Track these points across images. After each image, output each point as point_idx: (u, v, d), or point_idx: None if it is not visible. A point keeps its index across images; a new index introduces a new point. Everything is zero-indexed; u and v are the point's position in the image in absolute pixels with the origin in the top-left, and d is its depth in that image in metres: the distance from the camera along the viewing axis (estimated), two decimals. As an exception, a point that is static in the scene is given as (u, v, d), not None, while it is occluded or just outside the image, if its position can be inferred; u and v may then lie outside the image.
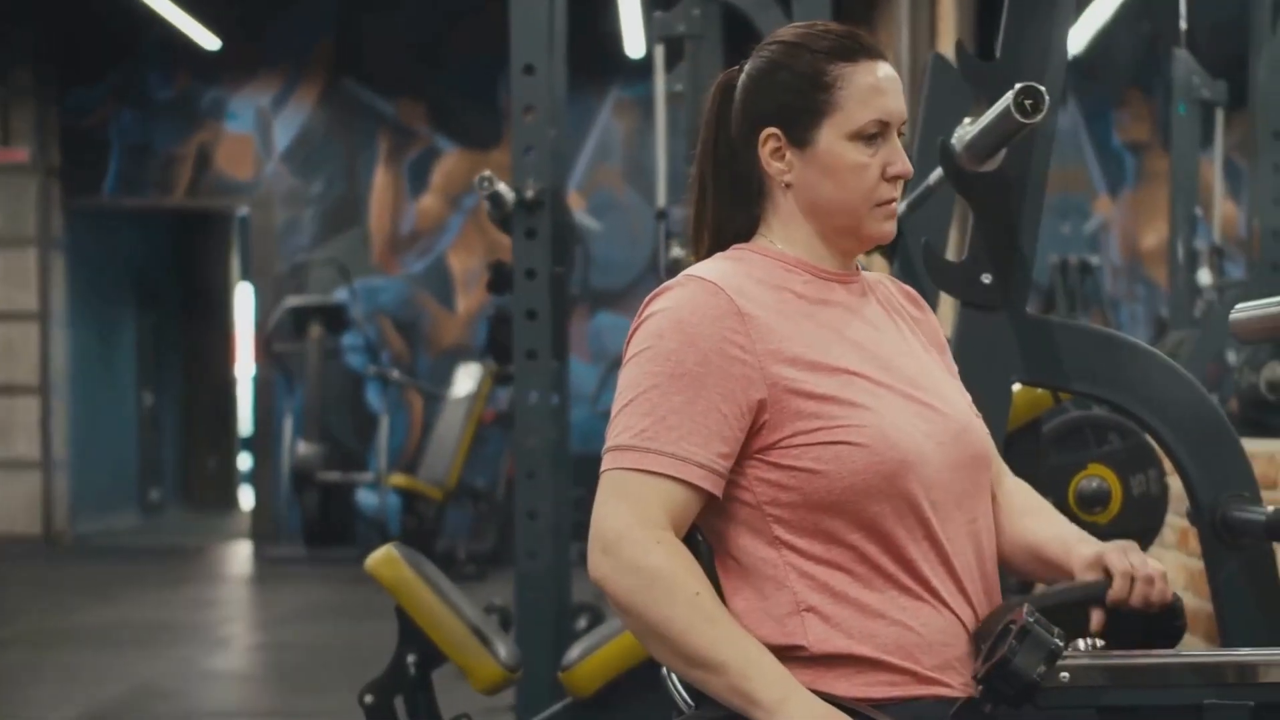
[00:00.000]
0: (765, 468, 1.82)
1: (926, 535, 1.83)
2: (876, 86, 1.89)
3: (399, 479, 9.57)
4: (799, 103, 1.89)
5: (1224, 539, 2.56)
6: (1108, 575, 1.91)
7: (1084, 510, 3.16)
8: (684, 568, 1.75)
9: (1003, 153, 2.60)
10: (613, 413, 1.83)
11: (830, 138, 1.89)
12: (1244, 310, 1.95)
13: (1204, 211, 6.37)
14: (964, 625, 1.85)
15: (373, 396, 10.78)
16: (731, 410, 1.80)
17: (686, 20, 5.95)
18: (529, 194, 4.51)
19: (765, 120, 1.91)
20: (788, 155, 1.90)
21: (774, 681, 1.73)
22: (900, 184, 1.93)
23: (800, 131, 1.89)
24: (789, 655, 1.80)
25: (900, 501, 1.81)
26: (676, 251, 5.85)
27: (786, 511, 1.82)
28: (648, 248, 10.13)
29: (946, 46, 6.54)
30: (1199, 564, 3.66)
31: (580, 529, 1.86)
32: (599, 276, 10.39)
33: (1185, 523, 3.67)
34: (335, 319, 10.66)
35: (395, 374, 10.41)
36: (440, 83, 10.78)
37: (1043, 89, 2.31)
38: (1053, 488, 3.03)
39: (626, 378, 1.83)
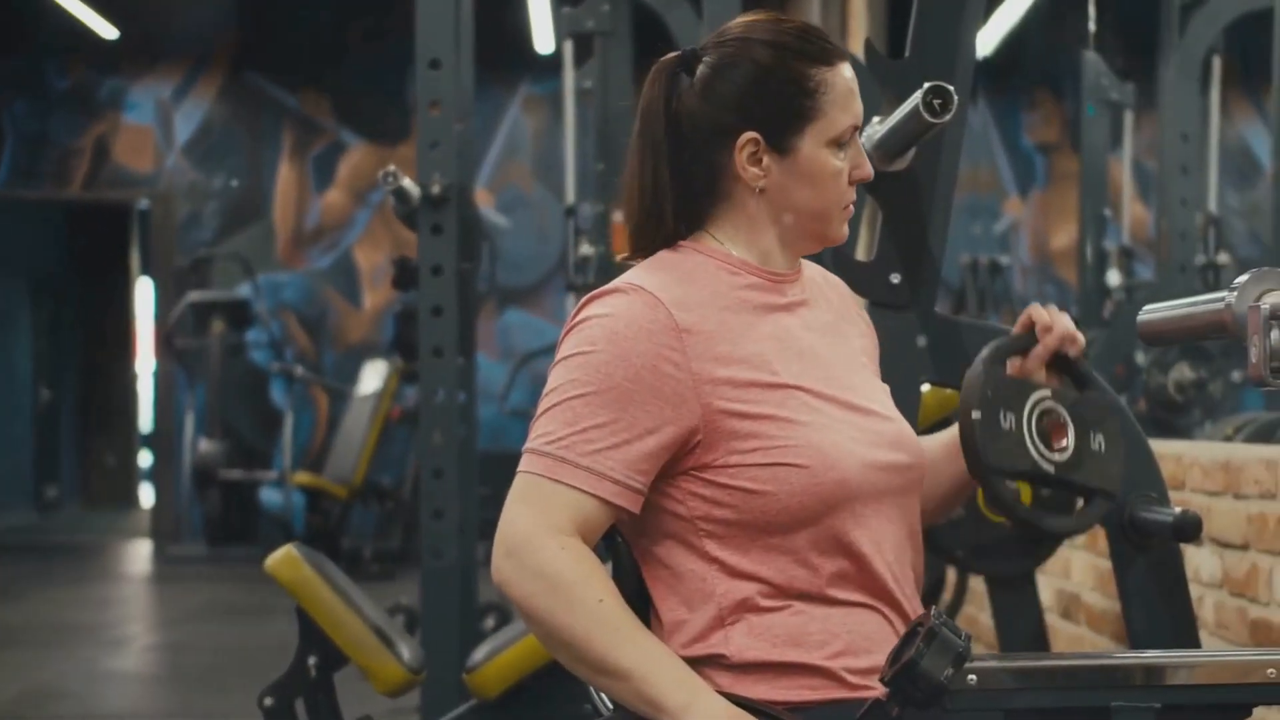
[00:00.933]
0: (700, 484, 1.80)
1: (859, 548, 1.82)
2: (850, 90, 1.87)
3: (304, 477, 9.46)
4: (783, 109, 1.84)
5: (1132, 540, 2.56)
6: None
7: (994, 511, 3.16)
8: (588, 574, 1.72)
9: (912, 152, 2.59)
10: (537, 412, 1.79)
11: (812, 145, 1.85)
12: (1152, 311, 1.95)
13: (1113, 212, 6.43)
14: (893, 630, 1.83)
15: (277, 393, 10.66)
16: (657, 428, 1.76)
17: (595, 16, 5.94)
18: (435, 190, 4.47)
19: (744, 124, 1.84)
20: (765, 160, 1.85)
21: (679, 685, 1.70)
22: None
23: (782, 138, 1.84)
24: (711, 662, 1.78)
25: (835, 517, 1.79)
26: (586, 249, 5.83)
27: (720, 527, 1.79)
28: (557, 245, 10.09)
29: (856, 45, 6.56)
30: (1108, 564, 3.69)
31: (488, 528, 1.82)
32: (508, 273, 10.34)
33: (1091, 522, 3.72)
34: (238, 314, 10.53)
35: (300, 370, 10.29)
36: (346, 76, 10.68)
37: (951, 88, 2.29)
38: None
39: (554, 379, 1.79)
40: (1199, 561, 3.06)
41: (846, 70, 1.86)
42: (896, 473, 1.85)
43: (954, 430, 2.07)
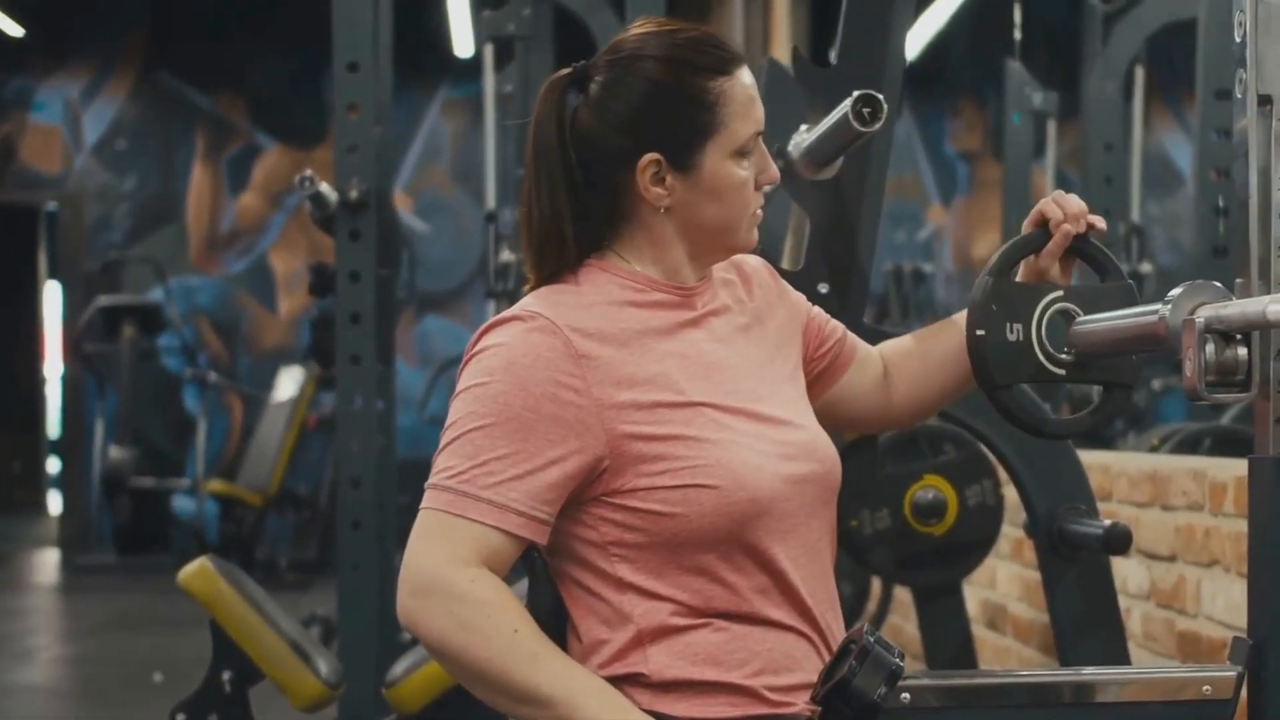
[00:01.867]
0: (610, 509, 1.76)
1: (776, 564, 1.79)
2: (750, 97, 1.82)
3: (217, 485, 9.34)
4: (683, 126, 1.78)
5: (1061, 552, 2.56)
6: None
7: (920, 521, 3.15)
8: (499, 605, 1.66)
9: (840, 161, 2.56)
10: (439, 445, 1.75)
11: (715, 158, 1.80)
12: (1083, 323, 1.93)
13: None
14: (811, 645, 1.81)
15: (190, 399, 10.51)
16: (561, 458, 1.72)
17: (516, 20, 5.88)
18: (353, 195, 4.42)
19: (643, 145, 1.78)
20: (668, 180, 1.80)
21: (606, 707, 1.66)
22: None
23: (684, 156, 1.79)
24: (631, 681, 1.74)
25: (749, 534, 1.76)
26: (507, 255, 5.78)
27: (633, 551, 1.76)
28: (477, 250, 10.01)
29: (780, 52, 6.55)
30: (1034, 575, 3.68)
31: (407, 538, 1.76)
32: (426, 279, 10.25)
33: (1021, 533, 3.70)
34: (150, 319, 10.36)
35: (213, 376, 10.16)
36: (261, 77, 10.55)
37: (881, 97, 2.27)
38: (888, 499, 3.02)
39: (454, 413, 1.75)
40: (1126, 573, 3.05)
41: (745, 76, 1.82)
42: (810, 483, 1.82)
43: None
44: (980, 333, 1.91)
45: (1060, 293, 1.94)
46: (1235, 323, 1.67)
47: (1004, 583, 3.84)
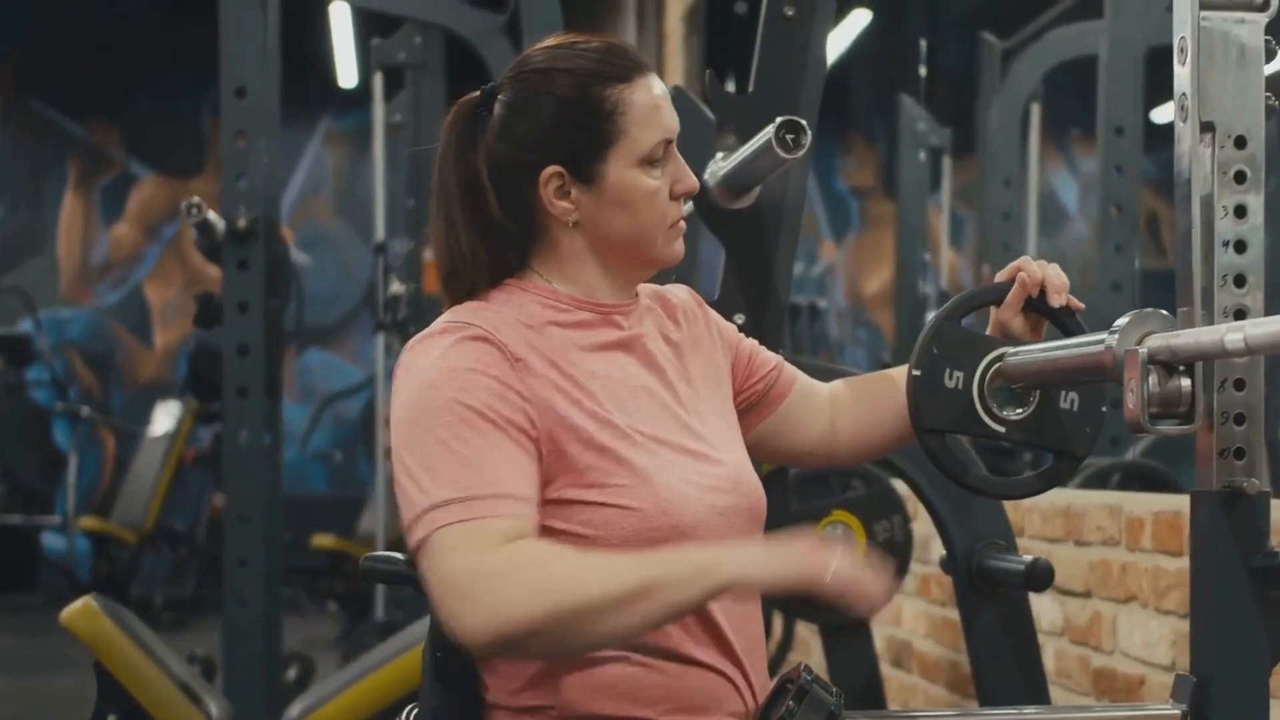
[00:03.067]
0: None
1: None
2: (655, 104, 1.75)
3: (89, 521, 9.10)
4: (580, 136, 1.72)
5: (979, 588, 2.52)
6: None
7: (827, 557, 3.11)
8: (543, 553, 1.59)
9: (757, 189, 2.52)
10: (400, 478, 1.64)
11: (619, 168, 1.73)
12: (1019, 354, 1.87)
13: (932, 256, 6.46)
14: (733, 685, 1.74)
15: (60, 434, 10.23)
16: (527, 452, 1.66)
17: (407, 49, 5.81)
18: (241, 223, 4.31)
19: (544, 159, 1.72)
20: (573, 193, 1.74)
21: (699, 555, 1.59)
22: (685, 200, 1.80)
23: (585, 167, 1.73)
24: (538, 713, 1.68)
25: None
26: (396, 286, 5.69)
27: None
28: (361, 283, 9.90)
29: (673, 80, 6.52)
30: (940, 611, 3.66)
31: (293, 575, 1.66)
32: (309, 313, 10.08)
33: (928, 570, 3.68)
34: (18, 351, 10.08)
35: (85, 410, 9.89)
36: (137, 105, 10.33)
37: (804, 123, 2.23)
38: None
39: (405, 437, 1.65)
40: (1038, 609, 3.02)
41: (649, 84, 1.75)
42: (736, 516, 1.76)
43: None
44: (917, 372, 1.86)
45: (1013, 349, 1.85)
46: (1187, 352, 1.62)
47: (910, 620, 3.80)
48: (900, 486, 3.18)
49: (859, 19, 7.02)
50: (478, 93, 1.78)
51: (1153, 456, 3.80)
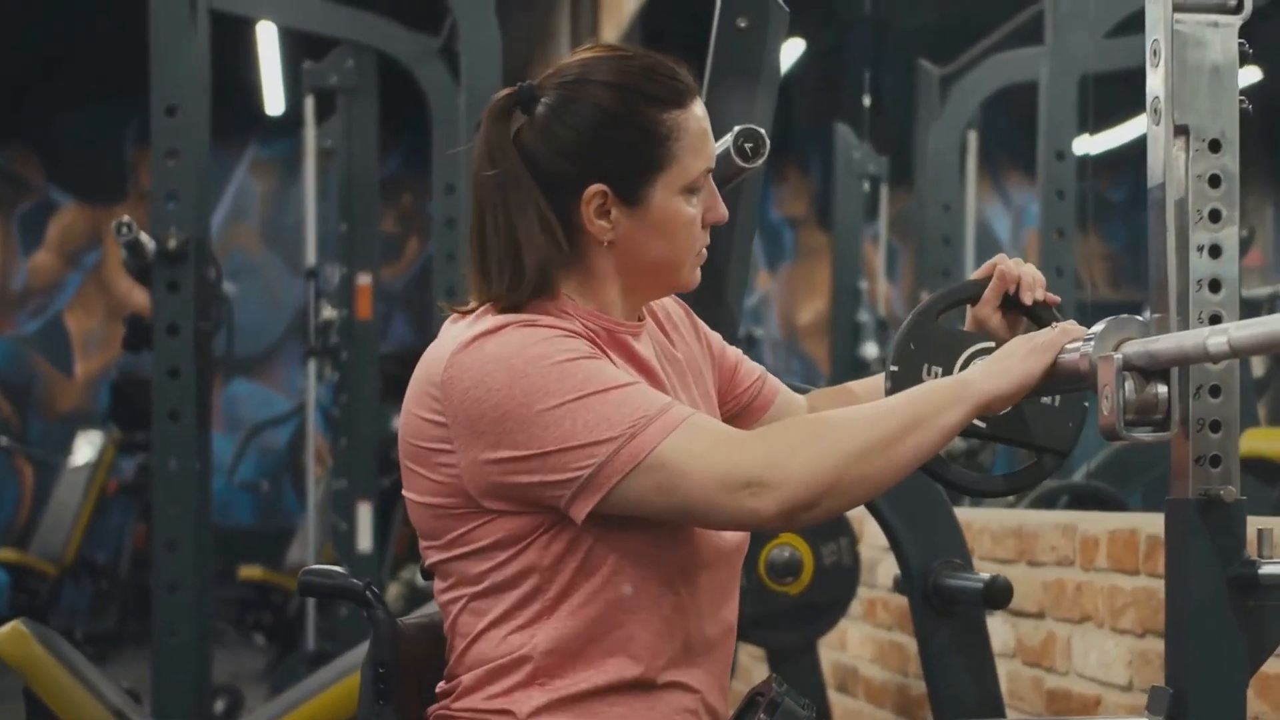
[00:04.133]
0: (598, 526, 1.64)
1: (686, 624, 1.69)
2: (704, 131, 1.71)
3: (7, 553, 8.90)
4: (633, 159, 1.66)
5: (936, 607, 2.49)
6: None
7: (775, 580, 3.10)
8: (791, 423, 1.65)
9: (710, 203, 2.48)
10: (556, 455, 1.57)
11: (664, 194, 1.68)
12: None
13: (868, 285, 6.44)
14: (702, 699, 1.71)
15: (-23, 465, 10.04)
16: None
17: (339, 72, 5.74)
18: (171, 244, 4.24)
19: (589, 175, 1.66)
20: (614, 213, 1.67)
21: (950, 384, 1.65)
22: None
23: (632, 189, 1.67)
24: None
25: (660, 584, 1.66)
26: (329, 312, 5.62)
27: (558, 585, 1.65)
28: (288, 312, 9.78)
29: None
30: (887, 636, 3.63)
31: (223, 606, 1.59)
32: (235, 341, 9.97)
33: (873, 594, 3.65)
34: (-66, 381, 9.89)
35: (3, 440, 9.72)
36: (57, 131, 10.16)
37: (763, 132, 2.20)
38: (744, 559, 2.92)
39: (538, 416, 1.57)
40: (990, 630, 3.00)
41: (699, 109, 1.71)
42: (722, 539, 1.73)
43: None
44: (894, 369, 1.82)
45: (991, 344, 1.81)
46: (1166, 357, 1.60)
47: (855, 645, 3.77)
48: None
49: (793, 48, 7.04)
50: (513, 89, 1.70)
51: (1100, 478, 3.80)
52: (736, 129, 2.19)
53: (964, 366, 1.82)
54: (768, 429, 1.61)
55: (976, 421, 1.79)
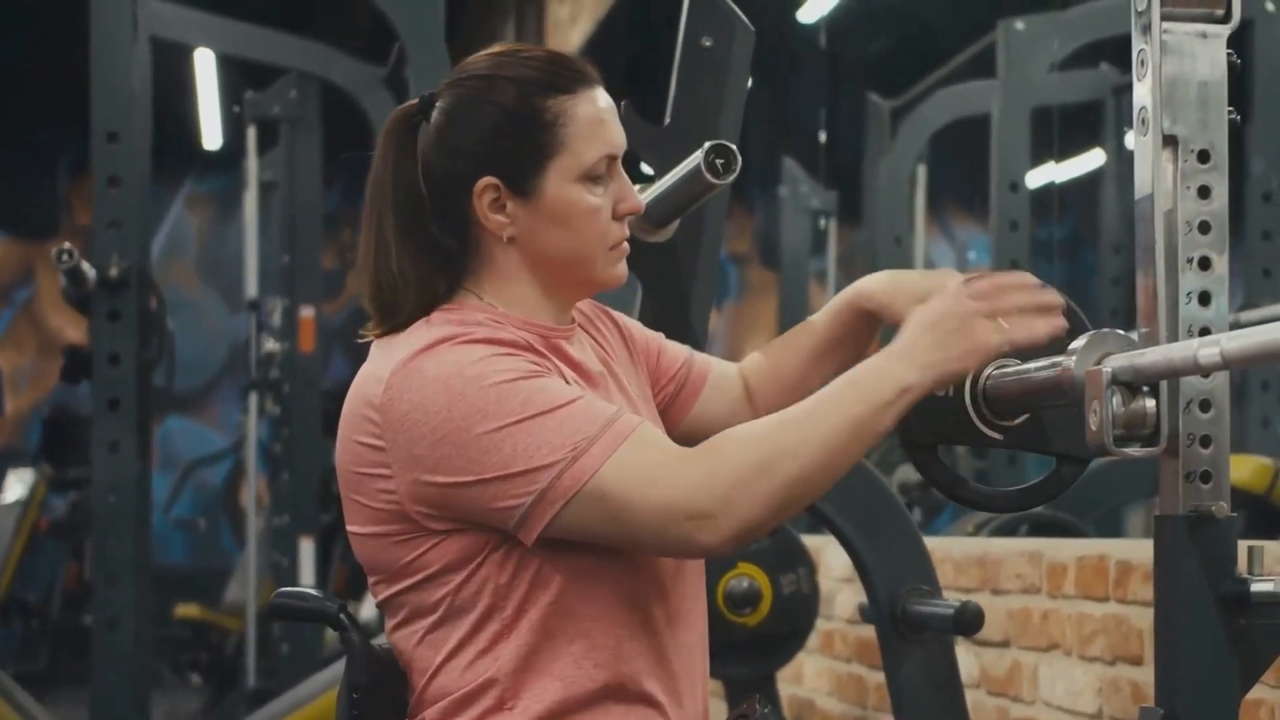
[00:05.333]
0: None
1: (650, 632, 1.65)
2: (599, 118, 1.66)
3: (-68, 595, 8.71)
4: (518, 147, 1.63)
5: (904, 634, 2.45)
6: None
7: (733, 611, 3.04)
8: (738, 437, 1.56)
9: (676, 223, 2.45)
10: (492, 483, 1.53)
11: (558, 183, 1.64)
12: (999, 374, 1.79)
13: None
14: (679, 711, 1.67)
15: (-97, 505, 9.81)
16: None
17: (282, 102, 5.67)
18: (113, 272, 4.17)
19: (479, 169, 1.63)
20: (509, 206, 1.64)
21: (886, 380, 1.57)
22: (627, 222, 1.71)
23: (522, 179, 1.64)
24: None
25: (620, 591, 1.62)
26: (271, 344, 5.54)
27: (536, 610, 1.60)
28: (225, 348, 9.67)
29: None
30: (845, 668, 3.59)
31: (160, 645, 1.53)
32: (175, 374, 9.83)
33: (830, 626, 3.61)
34: None
35: (-69, 479, 9.52)
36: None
37: (734, 148, 2.15)
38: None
39: (475, 440, 1.53)
40: (953, 660, 2.97)
41: (597, 98, 1.67)
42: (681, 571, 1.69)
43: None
44: None
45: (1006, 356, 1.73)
46: (1155, 370, 1.57)
47: (812, 677, 3.73)
48: (807, 538, 3.12)
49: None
50: (415, 100, 1.69)
51: (1059, 508, 3.78)
52: (707, 145, 2.15)
53: (977, 376, 1.74)
54: (713, 448, 1.55)
55: (991, 432, 1.73)
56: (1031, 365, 1.72)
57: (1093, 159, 4.90)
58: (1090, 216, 4.78)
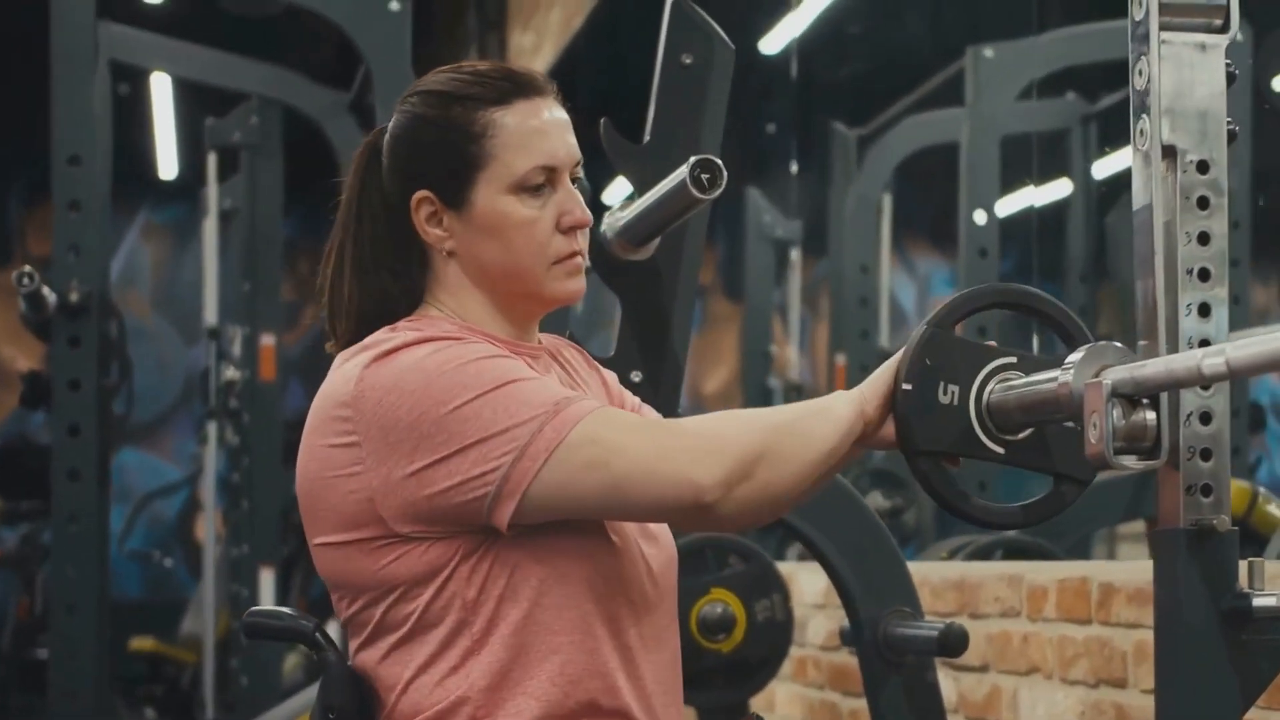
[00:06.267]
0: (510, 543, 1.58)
1: (623, 647, 1.63)
2: (537, 129, 1.65)
3: (-118, 629, 8.56)
4: (447, 158, 1.64)
5: (886, 657, 2.43)
6: None
7: (707, 637, 3.01)
8: (694, 422, 1.62)
9: (656, 241, 2.43)
10: (460, 458, 1.53)
11: (488, 194, 1.64)
12: (1002, 388, 1.76)
13: (778, 350, 6.39)
14: None
15: None
16: None
17: (243, 129, 5.62)
18: (73, 297, 4.12)
19: (414, 183, 1.65)
20: (445, 219, 1.65)
21: (830, 402, 1.63)
22: (582, 235, 1.68)
23: (454, 191, 1.65)
24: None
25: (590, 604, 1.61)
26: (231, 372, 5.49)
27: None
28: (179, 379, 9.58)
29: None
30: (818, 695, 3.56)
31: (116, 678, 1.49)
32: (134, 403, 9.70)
33: (803, 652, 3.58)
34: None
35: (-122, 513, 9.37)
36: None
37: (720, 162, 2.14)
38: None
39: (441, 421, 1.53)
40: (931, 685, 2.94)
41: (537, 109, 1.66)
42: (659, 569, 1.68)
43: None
44: (907, 386, 1.67)
45: (1013, 359, 1.69)
46: (1156, 382, 1.55)
47: (784, 704, 3.69)
48: (780, 564, 3.09)
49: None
50: (377, 129, 1.73)
51: (1033, 533, 3.77)
52: (692, 160, 2.13)
53: (985, 383, 1.69)
54: (708, 419, 1.62)
55: (994, 445, 1.68)
56: (1036, 378, 1.69)
57: (1057, 189, 4.91)
58: (1054, 246, 4.79)
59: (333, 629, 1.84)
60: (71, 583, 4.00)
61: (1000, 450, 1.68)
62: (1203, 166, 1.64)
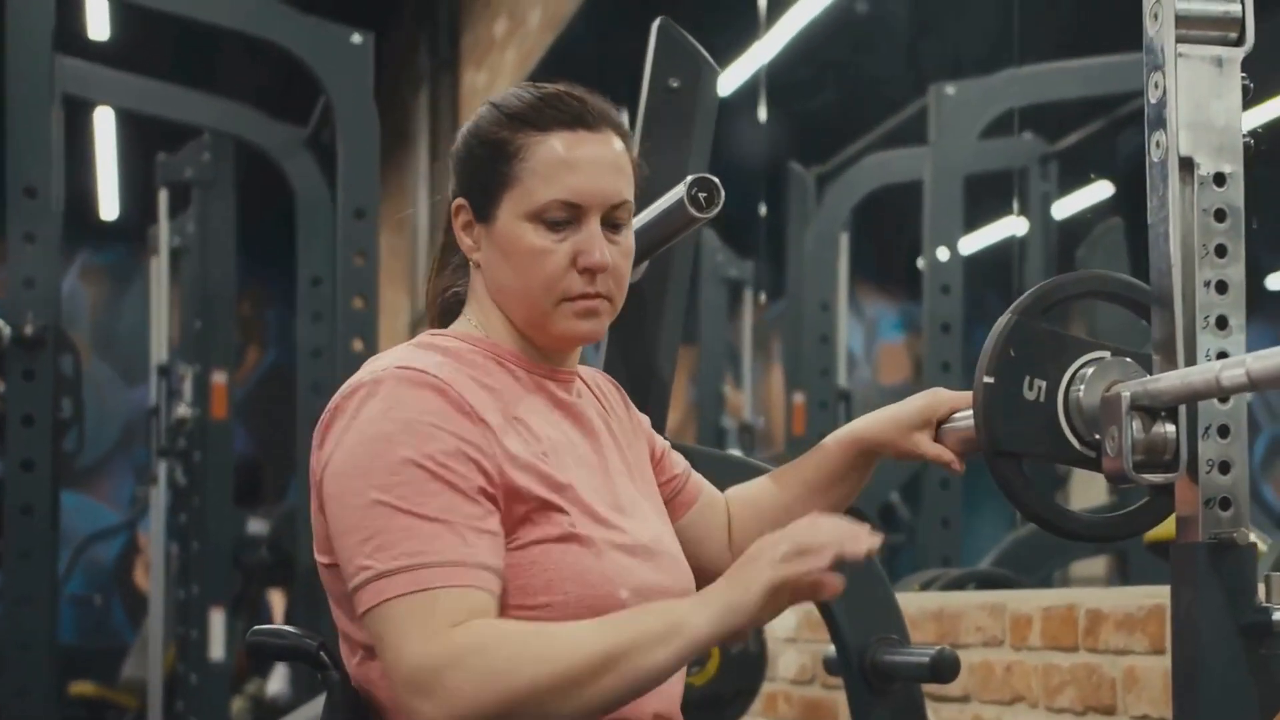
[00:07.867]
0: None
1: None
2: (566, 162, 1.62)
3: None
4: (483, 172, 1.65)
5: (873, 685, 2.39)
6: None
7: (682, 670, 2.97)
8: (494, 634, 1.46)
9: (645, 265, 2.41)
10: (342, 538, 1.51)
11: (509, 215, 1.63)
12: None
13: (731, 391, 6.39)
14: None
15: None
16: (487, 508, 1.53)
17: (195, 165, 5.56)
18: (28, 330, 4.07)
19: (458, 189, 1.69)
20: (475, 229, 1.67)
21: (667, 615, 1.47)
22: (609, 279, 1.65)
23: (483, 205, 1.65)
24: None
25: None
26: (183, 409, 5.40)
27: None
28: (119, 423, 9.47)
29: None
30: (795, 726, 3.52)
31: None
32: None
33: (773, 688, 3.54)
34: None
35: None
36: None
37: (717, 181, 2.12)
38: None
39: (350, 491, 1.51)
40: (912, 716, 2.91)
41: (580, 141, 1.63)
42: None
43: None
44: (989, 380, 1.56)
45: (1106, 354, 1.60)
46: (1175, 394, 1.55)
47: (755, 743, 3.65)
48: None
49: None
50: None
51: (1004, 566, 3.77)
52: (690, 178, 2.11)
53: (1075, 378, 1.60)
54: (477, 637, 1.44)
55: (1084, 449, 1.59)
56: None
57: (1015, 226, 4.93)
58: (1006, 286, 4.82)
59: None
60: (25, 619, 3.92)
61: (1092, 454, 1.59)
62: (1219, 179, 1.64)
